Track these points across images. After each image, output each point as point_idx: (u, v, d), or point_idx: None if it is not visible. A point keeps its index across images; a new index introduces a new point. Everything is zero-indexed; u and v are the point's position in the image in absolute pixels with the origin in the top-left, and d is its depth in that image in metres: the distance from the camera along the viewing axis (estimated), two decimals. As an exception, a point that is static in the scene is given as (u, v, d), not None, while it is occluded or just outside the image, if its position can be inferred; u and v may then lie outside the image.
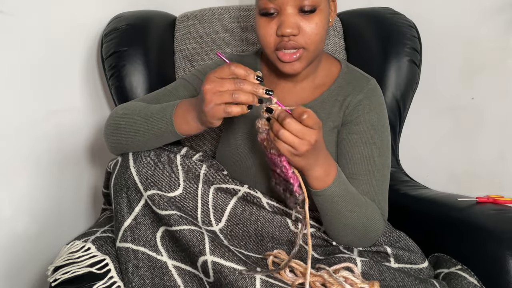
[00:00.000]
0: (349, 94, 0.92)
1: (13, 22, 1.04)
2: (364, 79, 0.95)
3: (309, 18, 0.83)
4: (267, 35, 0.84)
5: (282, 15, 0.82)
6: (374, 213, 0.85)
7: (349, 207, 0.81)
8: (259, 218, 0.85)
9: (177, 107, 0.79)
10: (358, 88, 0.93)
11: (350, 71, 0.97)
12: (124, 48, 1.16)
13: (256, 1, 0.86)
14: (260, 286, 0.72)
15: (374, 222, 0.84)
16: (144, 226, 0.80)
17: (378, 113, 0.91)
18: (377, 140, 0.89)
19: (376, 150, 0.89)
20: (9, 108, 1.06)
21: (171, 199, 0.80)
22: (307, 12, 0.82)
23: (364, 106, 0.91)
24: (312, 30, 0.83)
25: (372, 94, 0.93)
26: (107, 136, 0.87)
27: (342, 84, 0.94)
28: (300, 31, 0.83)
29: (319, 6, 0.83)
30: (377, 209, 0.87)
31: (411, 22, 1.22)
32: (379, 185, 0.88)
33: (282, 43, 0.83)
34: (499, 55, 1.15)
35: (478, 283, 0.84)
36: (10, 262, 1.09)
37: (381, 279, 0.81)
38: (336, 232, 0.85)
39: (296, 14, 0.82)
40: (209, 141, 1.20)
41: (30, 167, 1.12)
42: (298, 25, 0.82)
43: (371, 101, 0.91)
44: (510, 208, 0.94)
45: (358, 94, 0.92)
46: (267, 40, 0.85)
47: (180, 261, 0.79)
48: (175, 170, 0.82)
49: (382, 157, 0.89)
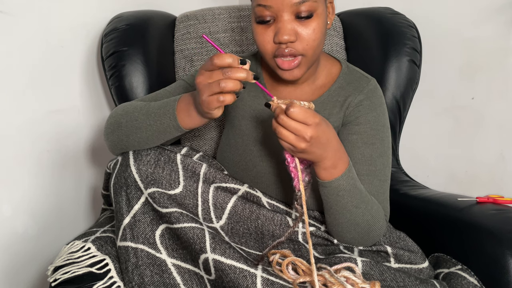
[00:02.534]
0: (349, 94, 0.92)
1: (13, 22, 1.04)
2: (364, 79, 0.95)
3: (306, 24, 0.82)
4: (264, 42, 0.83)
5: (279, 22, 0.81)
6: (378, 212, 0.85)
7: (354, 203, 0.81)
8: (259, 216, 0.86)
9: (179, 101, 0.80)
10: (359, 88, 0.92)
11: (350, 71, 0.96)
12: (124, 48, 1.16)
13: (252, 9, 0.85)
14: (261, 284, 0.72)
15: (378, 221, 0.84)
16: (143, 224, 0.80)
17: (379, 114, 0.91)
18: (377, 140, 0.89)
19: (377, 150, 0.89)
20: (9, 108, 1.06)
21: (172, 197, 0.80)
22: (303, 18, 0.81)
23: (365, 106, 0.91)
24: (309, 36, 0.82)
25: (373, 95, 0.92)
26: (108, 135, 0.87)
27: (343, 84, 0.94)
28: (298, 37, 0.82)
29: (316, 10, 0.82)
30: (381, 208, 0.87)
31: (411, 22, 1.22)
32: (380, 185, 0.88)
33: (280, 50, 0.82)
34: (499, 55, 1.15)
35: (478, 283, 0.84)
36: (10, 262, 1.09)
37: (382, 279, 0.81)
38: (339, 228, 0.85)
39: (293, 20, 0.81)
40: (209, 141, 1.20)
41: (30, 167, 1.12)
42: (295, 31, 0.81)
43: (371, 102, 0.91)
44: (510, 208, 0.94)
45: (359, 95, 0.91)
46: (265, 48, 0.84)
47: (180, 259, 0.79)
48: (175, 169, 0.83)
49: (383, 157, 0.89)
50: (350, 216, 0.82)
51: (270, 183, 0.92)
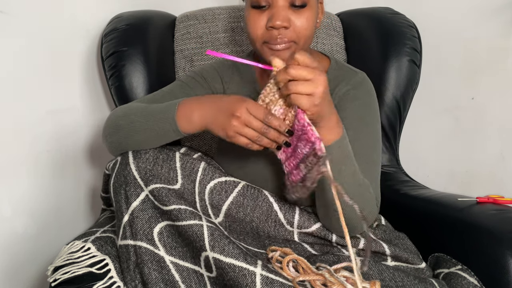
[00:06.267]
0: (336, 86, 0.93)
1: (13, 22, 1.04)
2: (352, 72, 0.96)
3: (300, 13, 0.84)
4: (257, 27, 0.85)
5: (274, 8, 0.83)
6: (368, 186, 0.84)
7: (352, 169, 0.80)
8: (253, 219, 0.86)
9: (179, 106, 0.80)
10: (346, 80, 0.94)
11: (339, 66, 0.97)
12: (124, 48, 1.16)
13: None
14: (260, 282, 0.72)
15: (369, 199, 0.84)
16: (141, 220, 0.79)
17: (366, 101, 0.92)
18: (363, 125, 0.89)
19: (363, 135, 0.88)
20: (9, 108, 1.06)
21: (171, 190, 0.80)
22: (298, 7, 0.84)
23: (351, 95, 0.91)
24: (302, 24, 0.84)
25: (360, 86, 0.93)
26: (106, 136, 0.87)
27: (331, 78, 0.94)
28: (291, 25, 0.84)
29: (309, 2, 0.84)
30: (371, 188, 0.85)
31: (411, 22, 1.22)
32: (368, 168, 0.87)
33: (272, 36, 0.83)
34: (499, 55, 1.15)
35: (478, 283, 0.84)
36: (9, 262, 1.08)
37: (381, 279, 0.81)
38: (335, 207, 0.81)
39: (287, 7, 0.83)
40: (209, 141, 1.20)
41: (29, 167, 1.11)
42: (289, 18, 0.83)
43: (357, 90, 0.92)
44: (510, 208, 0.94)
45: (346, 86, 0.93)
46: (256, 33, 0.85)
47: (178, 257, 0.79)
48: (173, 167, 0.83)
49: (369, 140, 0.89)
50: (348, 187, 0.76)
51: (266, 180, 0.92)
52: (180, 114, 0.79)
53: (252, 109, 0.74)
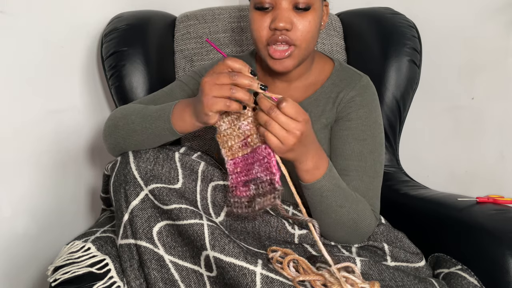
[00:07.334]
0: (341, 90, 0.93)
1: (13, 22, 1.04)
2: (356, 76, 0.96)
3: (303, 16, 0.84)
4: (260, 28, 0.85)
5: (277, 10, 0.84)
6: (364, 209, 0.85)
7: (339, 202, 0.81)
8: (256, 217, 0.86)
9: (175, 106, 0.81)
10: (351, 84, 0.93)
11: (343, 68, 0.97)
12: (124, 48, 1.16)
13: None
14: (261, 281, 0.72)
15: (364, 218, 0.85)
16: (140, 219, 0.79)
17: (370, 110, 0.92)
18: (368, 136, 0.90)
19: (367, 146, 0.89)
20: (9, 108, 1.06)
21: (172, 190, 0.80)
22: (301, 10, 0.84)
23: (356, 102, 0.91)
24: (304, 27, 0.84)
25: (365, 91, 0.93)
26: (106, 137, 0.88)
27: (335, 81, 0.95)
28: (293, 27, 0.84)
29: (313, 5, 0.85)
30: (368, 205, 0.87)
31: (411, 22, 1.22)
32: (370, 182, 0.88)
33: (274, 37, 0.84)
34: (499, 55, 1.15)
35: (478, 283, 0.84)
36: (10, 262, 1.09)
37: (381, 279, 0.81)
38: (326, 228, 0.85)
39: (290, 9, 0.84)
40: (209, 141, 1.20)
41: (30, 167, 1.12)
42: (292, 20, 0.84)
43: (363, 98, 0.92)
44: (510, 208, 0.94)
45: (351, 91, 0.92)
46: (260, 34, 0.86)
47: (178, 257, 0.79)
48: (174, 166, 0.83)
49: (374, 153, 0.90)
50: (335, 216, 0.82)
51: None
52: (175, 114, 0.80)
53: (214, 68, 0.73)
